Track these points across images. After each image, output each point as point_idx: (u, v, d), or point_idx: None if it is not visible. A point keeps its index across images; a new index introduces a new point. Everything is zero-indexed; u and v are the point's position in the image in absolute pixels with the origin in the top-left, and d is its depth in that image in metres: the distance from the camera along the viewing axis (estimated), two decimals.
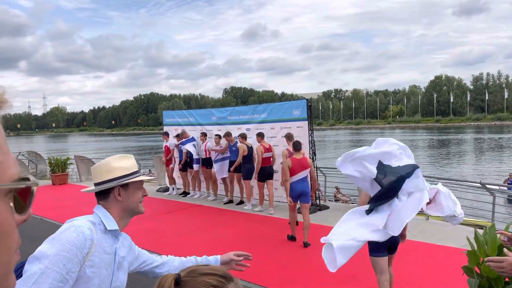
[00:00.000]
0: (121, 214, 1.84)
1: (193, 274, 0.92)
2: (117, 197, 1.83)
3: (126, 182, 1.83)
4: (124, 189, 1.84)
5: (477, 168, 28.18)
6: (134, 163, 1.92)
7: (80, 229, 1.60)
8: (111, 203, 1.83)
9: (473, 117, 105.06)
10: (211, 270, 0.93)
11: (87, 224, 1.66)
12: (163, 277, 0.93)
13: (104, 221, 1.76)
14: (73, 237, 1.56)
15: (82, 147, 73.01)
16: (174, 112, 13.54)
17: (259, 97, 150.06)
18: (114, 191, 1.83)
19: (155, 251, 6.92)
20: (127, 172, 1.85)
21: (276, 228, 8.23)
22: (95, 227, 1.70)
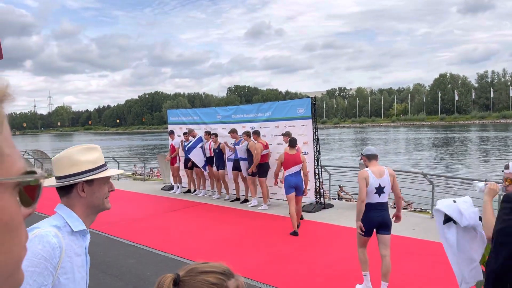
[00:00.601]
0: (86, 211, 1.69)
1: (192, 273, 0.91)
2: (80, 193, 1.67)
3: (90, 178, 1.67)
4: (88, 185, 1.68)
5: (482, 167, 28.02)
6: (101, 156, 1.76)
7: (45, 239, 1.47)
8: (74, 200, 1.67)
9: (478, 115, 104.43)
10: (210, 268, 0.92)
11: (52, 230, 1.52)
12: (162, 277, 0.92)
13: (69, 222, 1.61)
14: (38, 249, 1.44)
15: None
16: (179, 111, 13.56)
17: (263, 96, 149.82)
18: (77, 187, 1.66)
19: (159, 250, 6.94)
20: (93, 166, 1.68)
21: (279, 226, 8.23)
22: (61, 231, 1.56)
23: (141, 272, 5.94)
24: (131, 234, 7.98)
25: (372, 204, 4.83)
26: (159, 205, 10.81)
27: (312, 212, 9.26)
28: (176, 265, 6.20)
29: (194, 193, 12.14)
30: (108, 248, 7.18)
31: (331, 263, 6.02)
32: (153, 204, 11.02)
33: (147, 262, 6.35)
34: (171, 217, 9.49)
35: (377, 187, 4.82)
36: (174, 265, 6.18)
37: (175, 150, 12.34)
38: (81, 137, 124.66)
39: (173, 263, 6.28)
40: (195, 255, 6.58)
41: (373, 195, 4.82)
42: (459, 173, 24.04)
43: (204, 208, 10.36)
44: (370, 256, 5.19)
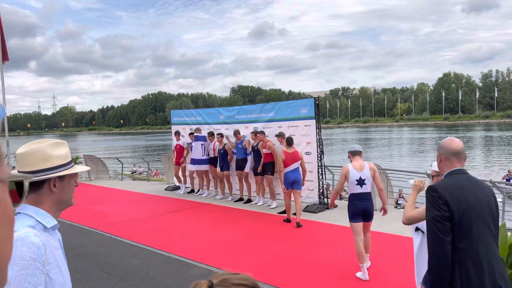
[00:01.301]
0: (54, 208, 1.67)
1: (226, 284, 0.94)
2: (52, 189, 1.65)
3: (65, 173, 1.66)
4: (60, 180, 1.67)
5: (486, 166, 27.91)
6: (69, 152, 1.75)
7: (28, 240, 1.48)
8: (44, 196, 1.64)
9: (482, 114, 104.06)
10: (242, 281, 0.95)
11: (30, 231, 1.52)
12: (196, 283, 0.95)
13: (40, 219, 1.60)
14: (24, 251, 1.45)
15: (91, 146, 73.53)
16: (182, 111, 13.58)
17: (266, 96, 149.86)
18: (49, 182, 1.64)
19: (163, 250, 6.95)
20: (65, 162, 1.68)
21: (282, 227, 8.23)
22: (37, 230, 1.56)
23: (145, 272, 5.95)
24: (134, 234, 8.00)
25: (356, 194, 5.54)
26: (162, 206, 10.82)
27: (316, 213, 9.25)
28: (180, 265, 6.21)
29: (197, 193, 12.16)
30: (112, 248, 7.20)
31: (334, 263, 6.01)
32: (157, 205, 11.04)
33: (151, 263, 6.36)
34: (175, 217, 9.51)
35: (358, 179, 5.51)
36: (178, 266, 6.19)
37: (182, 150, 12.35)
38: (85, 138, 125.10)
39: (177, 264, 6.29)
40: (198, 255, 6.59)
41: (355, 186, 5.52)
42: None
43: (208, 208, 10.37)
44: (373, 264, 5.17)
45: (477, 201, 2.62)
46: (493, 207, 2.67)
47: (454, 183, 2.72)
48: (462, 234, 2.58)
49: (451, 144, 2.81)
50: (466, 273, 2.53)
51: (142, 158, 19.86)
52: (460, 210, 2.58)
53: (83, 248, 7.10)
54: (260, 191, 10.37)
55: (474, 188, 2.67)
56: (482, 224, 2.60)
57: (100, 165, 17.38)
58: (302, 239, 7.39)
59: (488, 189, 2.75)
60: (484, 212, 2.62)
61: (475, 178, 2.81)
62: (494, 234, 2.64)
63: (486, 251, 2.57)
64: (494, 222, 2.65)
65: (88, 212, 9.89)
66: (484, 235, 2.59)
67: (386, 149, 45.13)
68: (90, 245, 7.36)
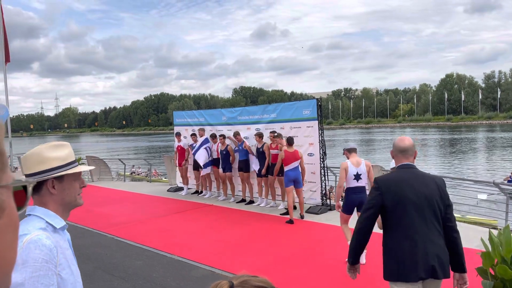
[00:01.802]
0: (59, 209, 1.70)
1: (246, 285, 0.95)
2: (50, 190, 1.67)
3: (60, 174, 1.67)
4: (59, 181, 1.68)
5: (490, 168, 27.83)
6: (71, 153, 1.76)
7: (39, 243, 1.51)
8: (46, 197, 1.67)
9: (485, 115, 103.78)
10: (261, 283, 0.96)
11: (42, 234, 1.55)
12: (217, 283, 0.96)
13: (49, 220, 1.64)
14: (36, 254, 1.49)
15: (93, 147, 73.67)
16: (184, 113, 13.59)
17: (268, 97, 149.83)
18: (47, 184, 1.67)
19: (165, 251, 6.96)
20: (63, 163, 1.69)
21: (285, 228, 8.22)
22: (48, 231, 1.59)
23: (147, 274, 5.95)
24: (137, 235, 8.00)
25: (352, 188, 6.09)
26: (165, 207, 10.83)
27: (318, 214, 9.24)
28: (183, 267, 6.21)
29: (200, 194, 12.16)
30: (114, 249, 7.20)
31: (336, 265, 6.00)
32: (159, 206, 11.04)
33: (153, 264, 6.36)
34: (177, 218, 9.51)
35: (355, 174, 6.09)
36: (181, 267, 6.19)
37: (183, 151, 12.36)
38: (87, 139, 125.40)
39: (180, 265, 6.29)
40: (201, 257, 6.58)
41: (352, 181, 6.09)
42: (466, 174, 23.89)
43: (210, 209, 10.37)
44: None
45: (414, 193, 3.00)
46: (434, 199, 3.00)
47: (395, 176, 3.14)
48: (397, 220, 3.01)
49: (399, 143, 3.18)
50: (400, 253, 2.98)
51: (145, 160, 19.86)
52: (395, 200, 3.02)
53: (85, 249, 7.11)
54: (264, 192, 10.36)
55: (414, 182, 3.04)
56: (418, 213, 2.98)
57: (103, 166, 17.41)
58: (305, 240, 7.38)
59: (432, 182, 3.07)
60: (421, 202, 2.99)
61: (421, 172, 3.14)
62: (434, 222, 3.00)
63: (421, 236, 2.96)
64: (434, 211, 3.00)
65: (90, 213, 9.90)
66: (420, 222, 2.97)
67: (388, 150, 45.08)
68: (93, 246, 7.37)
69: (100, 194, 13.26)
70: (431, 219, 3.01)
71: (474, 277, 3.76)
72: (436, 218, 3.03)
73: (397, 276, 3.00)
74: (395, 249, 3.03)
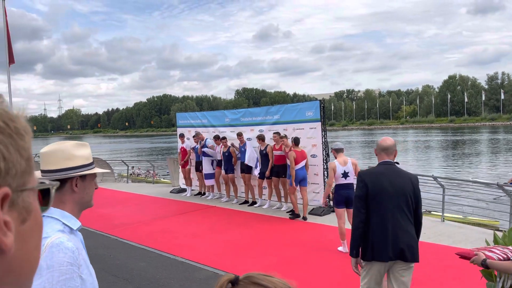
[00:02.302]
0: (76, 208, 1.70)
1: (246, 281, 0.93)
2: (74, 188, 1.67)
3: (86, 172, 1.69)
4: (82, 180, 1.70)
5: (493, 169, 27.73)
6: (90, 153, 1.78)
7: (62, 246, 1.51)
8: (66, 196, 1.67)
9: (488, 117, 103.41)
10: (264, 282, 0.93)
11: (63, 236, 1.55)
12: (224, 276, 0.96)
13: (66, 222, 1.64)
14: (61, 257, 1.49)
15: (96, 148, 73.78)
16: (188, 114, 13.60)
17: (271, 98, 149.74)
18: (72, 182, 1.67)
19: (169, 253, 6.96)
20: (87, 162, 1.71)
21: (288, 229, 8.21)
22: (66, 233, 1.60)
23: (151, 275, 5.96)
24: (141, 237, 8.02)
25: (341, 185, 6.69)
26: (168, 208, 10.84)
27: (321, 216, 9.23)
28: (186, 268, 6.21)
29: (203, 196, 12.17)
30: (118, 251, 7.22)
31: (340, 266, 5.99)
32: (162, 207, 11.06)
33: (157, 265, 6.37)
34: (181, 220, 9.52)
35: (343, 173, 6.67)
36: (184, 268, 6.20)
37: (186, 153, 12.38)
38: (90, 140, 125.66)
39: (183, 266, 6.29)
40: (205, 258, 6.59)
41: (341, 178, 6.67)
42: (470, 175, 23.80)
43: (213, 211, 10.38)
44: None
45: (391, 185, 3.51)
46: (407, 193, 3.52)
47: (376, 171, 3.68)
48: (375, 208, 3.53)
49: (382, 142, 3.71)
50: (375, 236, 3.50)
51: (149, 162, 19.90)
52: (375, 191, 3.53)
53: (89, 251, 7.06)
54: (268, 194, 10.35)
55: (391, 176, 3.56)
56: (392, 203, 3.49)
57: (107, 167, 17.45)
58: (308, 242, 7.38)
59: (407, 178, 3.59)
60: (396, 194, 3.50)
61: (398, 169, 3.68)
62: (406, 212, 3.51)
63: (393, 222, 3.47)
64: (406, 203, 3.52)
65: (94, 215, 9.92)
66: (393, 211, 3.49)
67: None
68: (96, 247, 7.38)
69: (104, 195, 13.28)
70: (404, 209, 3.50)
71: (479, 279, 3.75)
72: (408, 209, 3.52)
73: (371, 257, 3.52)
74: (371, 234, 3.52)
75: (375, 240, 3.49)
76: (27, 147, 0.47)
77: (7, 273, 0.47)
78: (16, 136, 0.46)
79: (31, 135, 0.49)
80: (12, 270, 0.48)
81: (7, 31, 11.92)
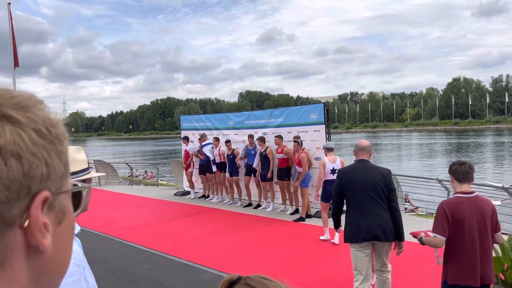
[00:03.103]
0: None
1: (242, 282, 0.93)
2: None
3: (87, 177, 1.70)
4: None
5: (498, 172, 27.59)
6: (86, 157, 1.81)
7: None
8: None
9: (492, 119, 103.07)
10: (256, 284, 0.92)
11: None
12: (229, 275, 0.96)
13: None
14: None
15: (100, 151, 74.02)
16: (191, 117, 13.63)
17: (274, 101, 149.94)
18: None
19: (173, 255, 6.97)
20: (86, 166, 1.72)
21: (292, 232, 8.20)
22: None
23: (155, 277, 5.97)
24: (145, 239, 8.03)
25: (329, 180, 7.06)
26: (172, 211, 10.86)
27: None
28: (190, 270, 6.22)
29: (207, 198, 12.18)
30: (122, 253, 7.23)
31: (344, 269, 5.98)
32: (166, 210, 11.08)
33: (161, 268, 6.38)
34: (184, 222, 9.53)
35: (331, 169, 7.25)
36: (188, 271, 6.21)
37: (189, 155, 12.40)
38: (94, 143, 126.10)
39: (187, 269, 6.30)
40: (209, 260, 6.59)
41: (329, 174, 7.22)
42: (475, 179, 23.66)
43: (217, 213, 10.38)
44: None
45: (363, 179, 4.20)
46: (377, 184, 4.16)
47: (351, 167, 4.48)
48: (350, 198, 4.29)
49: (360, 144, 4.44)
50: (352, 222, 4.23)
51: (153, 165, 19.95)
52: (349, 184, 4.27)
53: (94, 253, 7.14)
54: (271, 196, 10.37)
55: (364, 171, 4.26)
56: (365, 194, 4.17)
57: (110, 170, 17.51)
58: (312, 244, 7.37)
59: (378, 172, 4.25)
60: (367, 186, 4.17)
61: (371, 165, 4.35)
62: (377, 200, 4.15)
63: (366, 209, 4.15)
64: (377, 192, 4.16)
65: (99, 217, 9.95)
66: (366, 200, 4.16)
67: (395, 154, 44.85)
68: (101, 250, 7.40)
69: (108, 198, 13.33)
70: (375, 197, 4.15)
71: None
72: (379, 197, 4.15)
73: (350, 239, 4.23)
74: (349, 220, 4.27)
75: (352, 226, 4.21)
76: (65, 151, 0.50)
77: (42, 273, 0.49)
78: (56, 142, 0.48)
79: (67, 140, 0.51)
80: (46, 270, 0.50)
81: (13, 34, 12.01)
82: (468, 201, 3.33)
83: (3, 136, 0.44)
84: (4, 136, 0.44)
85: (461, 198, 3.34)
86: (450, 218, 3.27)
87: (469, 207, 3.29)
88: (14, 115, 0.45)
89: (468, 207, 3.29)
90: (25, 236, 0.46)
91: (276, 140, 9.77)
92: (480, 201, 3.37)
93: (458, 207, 3.29)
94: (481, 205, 3.33)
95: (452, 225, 3.27)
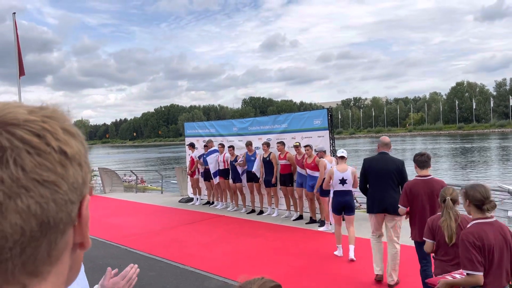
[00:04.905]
0: None
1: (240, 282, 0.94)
2: None
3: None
4: None
5: (503, 177, 27.41)
6: None
7: None
8: None
9: (497, 123, 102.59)
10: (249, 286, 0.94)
11: None
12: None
13: None
14: None
15: (105, 159, 74.15)
16: (196, 124, 13.66)
17: (278, 107, 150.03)
18: None
19: (178, 262, 6.96)
20: None
21: (297, 238, 8.17)
22: None
23: (161, 285, 5.96)
24: (150, 246, 8.03)
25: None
26: (177, 218, 10.85)
27: (331, 224, 9.17)
28: (196, 277, 6.21)
29: (212, 205, 12.17)
30: (127, 260, 7.21)
31: (350, 275, 5.95)
32: (171, 217, 11.07)
33: (166, 275, 6.37)
34: (189, 229, 9.52)
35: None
36: (194, 278, 6.19)
37: (194, 162, 12.40)
38: (99, 150, 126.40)
39: (193, 276, 6.29)
40: (214, 267, 6.58)
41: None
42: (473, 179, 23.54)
43: (221, 220, 10.37)
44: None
45: (381, 168, 5.55)
46: (391, 171, 5.50)
47: (374, 158, 5.81)
48: (371, 181, 5.64)
49: (382, 139, 5.82)
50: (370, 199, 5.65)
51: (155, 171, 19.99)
52: (370, 171, 5.65)
53: (99, 260, 7.14)
54: (275, 202, 10.35)
55: (382, 162, 5.59)
56: (381, 179, 5.51)
57: (115, 177, 17.53)
58: (318, 250, 7.34)
59: (392, 163, 5.56)
60: (384, 173, 5.52)
61: (389, 157, 5.68)
62: (390, 184, 5.48)
63: (380, 190, 5.49)
64: (391, 178, 5.49)
65: (103, 225, 9.96)
66: (380, 183, 5.50)
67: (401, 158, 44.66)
68: (106, 257, 7.41)
69: (113, 205, 13.34)
70: (389, 181, 5.48)
71: None
72: (392, 182, 5.48)
73: (369, 210, 5.67)
74: (369, 196, 5.65)
75: (370, 201, 5.63)
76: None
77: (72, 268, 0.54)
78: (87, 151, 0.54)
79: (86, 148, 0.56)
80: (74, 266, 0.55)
81: (18, 43, 12.12)
82: (423, 182, 4.73)
83: (73, 147, 0.50)
84: (71, 147, 0.50)
85: (418, 180, 4.80)
86: (409, 193, 4.77)
87: (423, 186, 4.71)
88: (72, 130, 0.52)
89: (422, 186, 4.72)
90: (74, 234, 0.53)
91: (278, 147, 9.78)
92: (433, 182, 4.71)
93: (415, 186, 4.75)
94: (433, 185, 4.67)
95: (409, 198, 4.78)
